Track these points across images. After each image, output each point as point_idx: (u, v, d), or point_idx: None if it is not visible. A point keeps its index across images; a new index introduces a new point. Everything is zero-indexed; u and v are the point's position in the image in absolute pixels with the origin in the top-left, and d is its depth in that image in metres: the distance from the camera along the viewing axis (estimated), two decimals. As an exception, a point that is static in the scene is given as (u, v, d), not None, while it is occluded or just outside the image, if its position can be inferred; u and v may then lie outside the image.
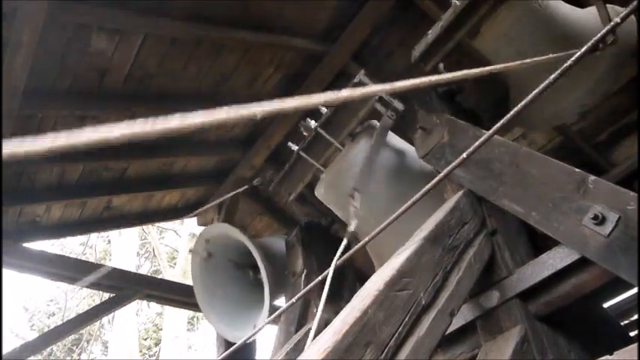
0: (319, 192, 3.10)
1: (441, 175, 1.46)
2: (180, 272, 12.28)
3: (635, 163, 3.47)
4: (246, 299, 4.11)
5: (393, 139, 3.14)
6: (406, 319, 1.53)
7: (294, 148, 3.13)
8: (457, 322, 2.09)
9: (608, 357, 1.67)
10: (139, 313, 15.97)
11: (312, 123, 3.08)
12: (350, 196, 2.52)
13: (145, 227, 14.89)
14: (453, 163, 1.42)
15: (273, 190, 3.43)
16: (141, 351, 15.21)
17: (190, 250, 4.17)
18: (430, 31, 2.58)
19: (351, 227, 2.35)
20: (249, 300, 4.08)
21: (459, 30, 2.50)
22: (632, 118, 3.89)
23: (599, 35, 1.16)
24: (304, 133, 3.13)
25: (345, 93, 0.94)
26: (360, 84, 2.87)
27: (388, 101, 2.89)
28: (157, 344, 15.78)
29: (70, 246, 16.23)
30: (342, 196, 2.75)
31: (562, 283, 1.92)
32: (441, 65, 2.69)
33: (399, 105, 2.91)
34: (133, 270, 11.99)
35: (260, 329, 1.92)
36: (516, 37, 2.54)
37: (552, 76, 1.20)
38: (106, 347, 15.37)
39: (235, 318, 4.05)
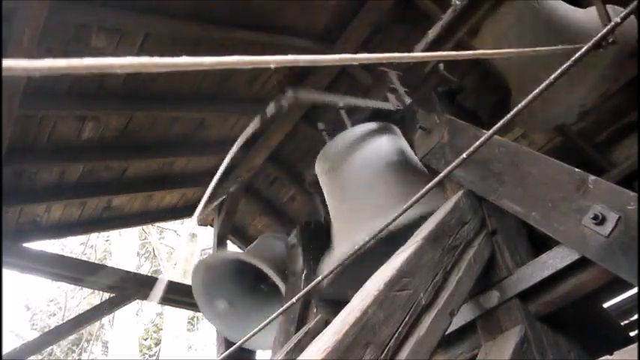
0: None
1: (441, 175, 1.46)
2: (181, 272, 12.27)
3: (635, 163, 3.47)
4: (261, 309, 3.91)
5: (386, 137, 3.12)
6: (406, 319, 1.52)
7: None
8: (457, 322, 2.09)
9: (608, 357, 1.67)
10: (139, 313, 15.96)
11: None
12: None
13: (145, 227, 14.89)
14: (453, 163, 1.42)
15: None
16: (141, 351, 15.20)
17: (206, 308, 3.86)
18: (430, 31, 2.59)
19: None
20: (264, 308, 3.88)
21: (459, 30, 2.50)
22: (632, 118, 3.89)
23: (599, 35, 1.16)
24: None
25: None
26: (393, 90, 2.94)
27: (399, 92, 2.93)
28: (157, 344, 15.77)
29: (70, 246, 16.23)
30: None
31: (562, 283, 1.92)
32: (441, 65, 2.69)
33: (407, 99, 2.92)
34: (133, 270, 11.99)
35: (260, 329, 1.92)
36: (516, 36, 2.55)
37: (552, 76, 1.20)
38: (106, 347, 15.36)
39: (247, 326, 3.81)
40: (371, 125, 3.02)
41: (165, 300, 5.30)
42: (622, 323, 3.90)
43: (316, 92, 3.48)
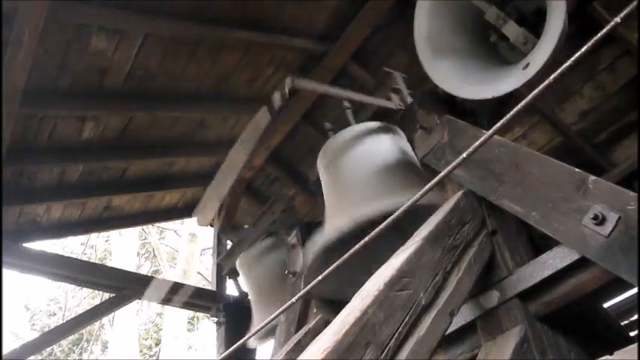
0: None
1: (441, 175, 1.46)
2: (181, 272, 12.27)
3: (635, 163, 3.47)
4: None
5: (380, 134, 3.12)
6: (406, 319, 1.52)
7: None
8: (457, 322, 2.09)
9: (608, 357, 1.67)
10: (139, 313, 15.95)
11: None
12: None
13: (144, 227, 14.89)
14: (453, 163, 1.42)
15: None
16: (141, 351, 15.20)
17: None
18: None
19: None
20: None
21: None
22: (632, 118, 3.89)
23: (598, 35, 1.16)
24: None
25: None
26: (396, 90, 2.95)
27: (403, 93, 2.94)
28: (157, 344, 15.77)
29: (71, 246, 16.23)
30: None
31: (562, 283, 1.92)
32: None
33: (409, 99, 2.93)
34: (133, 270, 11.98)
35: (260, 329, 1.92)
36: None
37: (552, 76, 1.20)
38: (106, 347, 15.36)
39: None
40: (371, 124, 3.02)
41: (165, 300, 5.30)
42: (622, 323, 3.90)
43: (317, 83, 3.47)
